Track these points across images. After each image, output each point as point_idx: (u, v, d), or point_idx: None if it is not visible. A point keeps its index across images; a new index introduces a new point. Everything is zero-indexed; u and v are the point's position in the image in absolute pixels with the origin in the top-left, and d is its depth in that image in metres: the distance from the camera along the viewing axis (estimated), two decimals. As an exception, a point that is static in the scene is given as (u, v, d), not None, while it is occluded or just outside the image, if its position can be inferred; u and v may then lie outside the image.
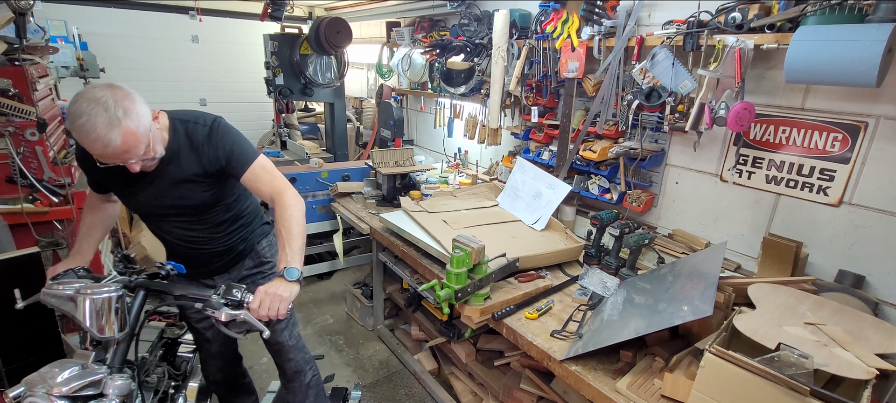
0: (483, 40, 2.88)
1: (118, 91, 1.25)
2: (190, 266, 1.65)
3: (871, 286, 1.67)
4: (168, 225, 1.62)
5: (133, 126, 1.24)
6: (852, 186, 1.67)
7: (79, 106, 1.20)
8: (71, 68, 3.74)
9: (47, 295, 1.34)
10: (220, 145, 1.48)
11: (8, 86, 2.10)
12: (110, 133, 1.20)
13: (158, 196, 1.51)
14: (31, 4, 2.17)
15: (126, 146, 1.24)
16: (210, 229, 1.64)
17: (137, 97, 1.29)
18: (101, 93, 1.22)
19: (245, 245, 1.78)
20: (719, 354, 1.17)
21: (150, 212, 1.60)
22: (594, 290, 1.86)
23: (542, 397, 2.02)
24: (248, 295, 1.34)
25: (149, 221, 1.67)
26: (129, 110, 1.24)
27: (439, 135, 3.75)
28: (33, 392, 1.14)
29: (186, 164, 1.47)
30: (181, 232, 1.63)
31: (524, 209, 2.47)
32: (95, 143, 1.21)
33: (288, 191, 1.53)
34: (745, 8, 1.69)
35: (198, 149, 1.46)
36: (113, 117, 1.20)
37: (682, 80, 1.86)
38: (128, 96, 1.26)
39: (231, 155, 1.49)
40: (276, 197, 1.51)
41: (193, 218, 1.60)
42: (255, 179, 1.52)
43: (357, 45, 4.46)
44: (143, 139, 1.28)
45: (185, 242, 1.66)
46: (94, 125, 1.19)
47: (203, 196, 1.54)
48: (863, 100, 1.60)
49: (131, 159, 1.29)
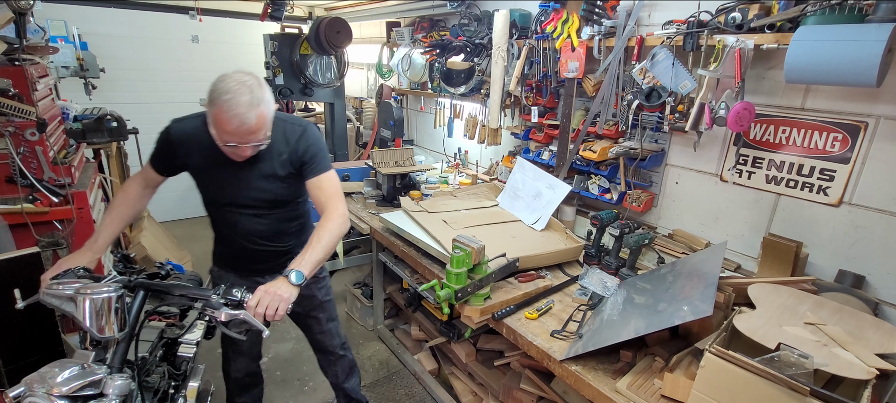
0: (483, 40, 2.88)
1: (258, 79, 1.43)
2: (243, 263, 1.76)
3: (871, 286, 1.67)
4: (239, 216, 1.69)
5: (266, 111, 1.42)
6: (852, 186, 1.67)
7: (226, 84, 1.36)
8: (71, 68, 3.74)
9: (47, 295, 1.33)
10: (308, 146, 1.61)
11: (8, 86, 2.10)
12: (249, 112, 1.36)
13: (242, 186, 1.62)
14: (31, 4, 2.16)
15: (257, 127, 1.40)
16: (275, 225, 1.73)
17: (269, 89, 1.46)
18: (246, 77, 1.39)
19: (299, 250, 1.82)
20: (719, 354, 1.17)
21: (227, 201, 1.67)
22: (594, 290, 1.86)
23: (542, 397, 2.02)
24: (247, 295, 1.34)
25: (221, 211, 1.72)
26: (265, 98, 1.42)
27: (439, 135, 3.75)
28: (33, 392, 1.14)
29: (277, 157, 1.60)
30: (249, 225, 1.71)
31: (524, 209, 2.47)
32: (233, 120, 1.35)
33: (340, 208, 1.62)
34: (745, 8, 1.69)
35: (290, 145, 1.60)
36: (254, 99, 1.37)
37: (682, 80, 1.86)
38: (263, 85, 1.43)
39: (313, 157, 1.63)
40: (327, 207, 1.61)
41: (265, 212, 1.69)
42: (319, 186, 1.63)
43: (357, 45, 4.46)
44: (268, 126, 1.46)
45: (248, 236, 1.73)
46: (238, 102, 1.35)
47: (280, 191, 1.66)
48: (863, 100, 1.60)
49: (252, 142, 1.44)
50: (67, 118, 3.03)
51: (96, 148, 3.37)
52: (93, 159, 3.29)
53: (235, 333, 1.35)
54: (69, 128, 2.90)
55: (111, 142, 3.41)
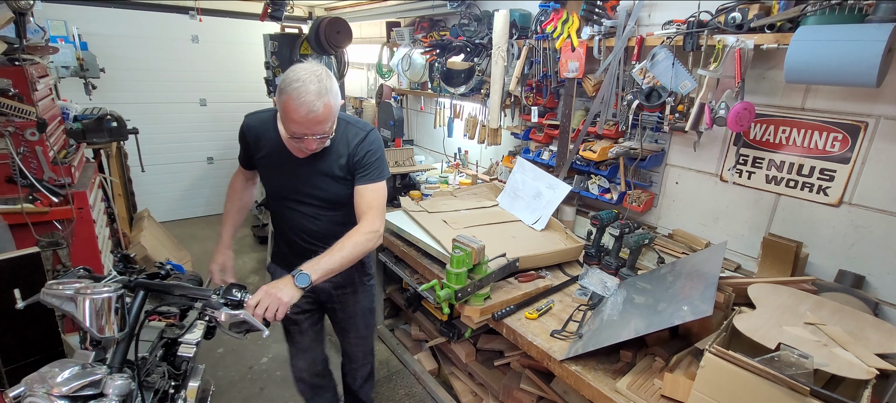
0: (483, 40, 2.88)
1: (327, 71, 1.45)
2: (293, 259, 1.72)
3: (871, 286, 1.67)
4: (293, 212, 1.72)
5: (332, 102, 1.44)
6: (852, 186, 1.67)
7: (297, 74, 1.40)
8: (71, 68, 3.74)
9: (48, 295, 1.33)
10: (366, 152, 1.62)
11: (8, 86, 2.10)
12: (317, 101, 1.38)
13: (301, 180, 1.65)
14: (31, 4, 2.16)
15: (324, 116, 1.42)
16: (328, 226, 1.72)
17: (336, 82, 1.49)
18: (317, 68, 1.43)
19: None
20: (719, 354, 1.17)
21: (286, 195, 1.71)
22: (594, 290, 1.86)
23: (542, 397, 2.02)
24: (247, 296, 1.34)
25: (279, 204, 1.76)
26: (332, 89, 1.44)
27: (439, 135, 3.75)
28: (33, 392, 1.14)
29: (336, 158, 1.62)
30: (302, 222, 1.73)
31: (524, 209, 2.47)
32: (301, 108, 1.38)
33: (374, 224, 1.60)
34: (745, 8, 1.69)
35: (349, 148, 1.61)
36: (322, 89, 1.40)
37: (682, 80, 1.86)
38: (331, 77, 1.45)
39: (367, 165, 1.63)
40: (363, 219, 1.60)
41: (319, 211, 1.71)
42: (362, 195, 1.63)
43: (357, 44, 4.46)
44: (333, 118, 1.48)
45: (300, 233, 1.76)
46: (307, 90, 1.37)
47: (336, 191, 1.67)
48: (863, 100, 1.60)
49: (318, 134, 1.45)
50: (67, 118, 3.03)
51: (96, 148, 3.37)
52: (93, 159, 3.29)
53: (235, 333, 1.35)
54: (69, 128, 2.90)
55: (111, 142, 3.42)
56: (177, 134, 5.08)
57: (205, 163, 5.39)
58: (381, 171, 1.66)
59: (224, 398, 2.70)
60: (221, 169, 5.49)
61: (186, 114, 5.07)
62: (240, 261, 4.42)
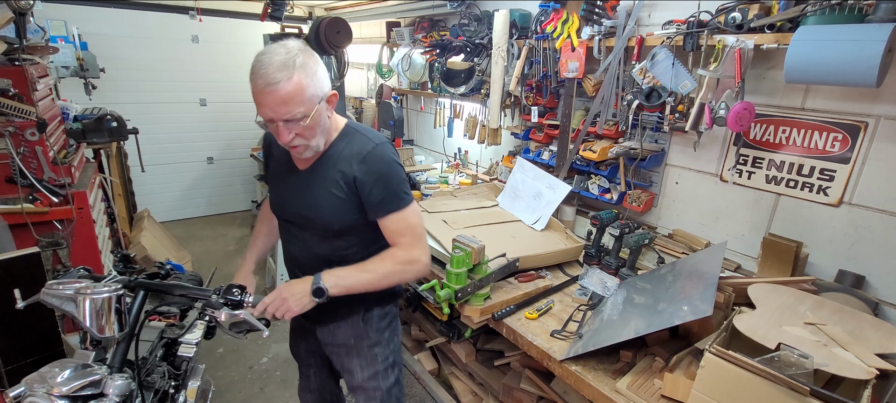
0: (483, 40, 2.88)
1: (308, 50, 1.22)
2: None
3: (871, 286, 1.67)
4: (291, 237, 1.49)
5: (304, 81, 1.18)
6: (852, 186, 1.67)
7: (267, 47, 1.20)
8: (71, 68, 3.73)
9: (48, 295, 1.34)
10: (367, 171, 1.30)
11: (8, 86, 2.10)
12: (279, 73, 1.15)
13: (298, 195, 1.41)
14: (31, 4, 2.16)
15: (288, 96, 1.16)
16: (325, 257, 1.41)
17: (322, 66, 1.25)
18: (294, 43, 1.21)
19: (358, 305, 1.51)
20: (719, 354, 1.17)
21: (282, 212, 1.50)
22: (594, 290, 1.86)
23: (542, 397, 2.02)
24: (247, 295, 1.34)
25: (280, 226, 1.57)
26: (308, 66, 1.20)
27: (439, 135, 3.75)
28: (33, 392, 1.14)
29: (334, 169, 1.33)
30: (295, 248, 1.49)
31: (524, 209, 2.47)
32: (258, 79, 1.16)
33: (411, 250, 1.35)
34: (745, 8, 1.69)
35: (353, 160, 1.31)
36: (289, 61, 1.16)
37: (682, 80, 1.86)
38: (313, 57, 1.23)
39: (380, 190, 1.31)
40: (397, 245, 1.36)
41: (317, 237, 1.41)
42: (385, 227, 1.36)
43: (357, 45, 4.46)
44: (307, 103, 1.19)
45: (293, 263, 1.52)
46: (269, 62, 1.15)
47: (335, 210, 1.35)
48: (863, 100, 1.60)
49: (283, 116, 1.18)
50: (67, 118, 3.03)
51: (96, 148, 3.37)
52: (93, 159, 3.29)
53: (235, 333, 1.35)
54: (69, 128, 2.90)
55: (111, 142, 3.42)
56: (177, 134, 5.08)
57: (205, 163, 5.39)
58: (400, 197, 1.33)
59: (224, 398, 2.70)
60: (221, 169, 5.49)
61: (186, 114, 5.07)
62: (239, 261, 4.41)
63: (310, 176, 1.38)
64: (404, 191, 1.35)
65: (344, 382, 1.72)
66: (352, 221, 1.37)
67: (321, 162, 1.37)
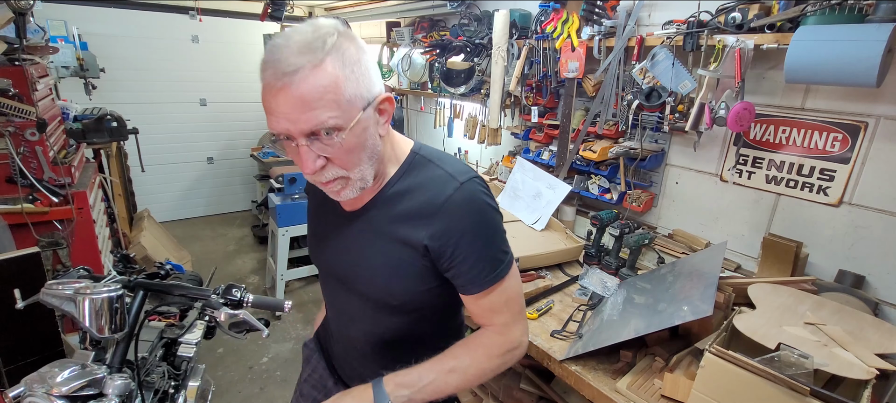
0: (483, 40, 2.88)
1: (349, 33, 0.80)
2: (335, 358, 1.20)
3: (871, 286, 1.67)
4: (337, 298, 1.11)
5: (337, 71, 0.75)
6: (852, 186, 1.67)
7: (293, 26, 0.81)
8: (71, 68, 3.74)
9: (47, 295, 1.34)
10: (459, 225, 0.87)
11: (8, 86, 2.10)
12: (298, 57, 0.73)
13: (342, 246, 1.01)
14: (31, 4, 2.16)
15: (308, 90, 0.73)
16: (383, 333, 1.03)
17: (369, 56, 0.82)
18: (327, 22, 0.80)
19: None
20: (719, 354, 1.17)
21: (325, 266, 1.10)
22: (594, 290, 1.86)
23: (542, 397, 2.02)
24: (246, 294, 1.34)
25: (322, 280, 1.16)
26: (346, 52, 0.77)
27: (439, 135, 3.75)
28: (33, 392, 1.14)
29: (397, 216, 0.91)
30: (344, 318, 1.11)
31: (524, 209, 2.47)
32: (268, 71, 0.75)
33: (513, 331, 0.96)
34: (745, 8, 1.69)
35: (428, 209, 0.88)
36: (315, 42, 0.74)
37: (682, 80, 1.86)
38: (355, 42, 0.80)
39: (471, 253, 0.88)
40: (492, 326, 0.97)
41: (369, 308, 1.01)
42: (487, 309, 0.95)
43: (357, 45, 4.46)
44: (345, 107, 0.76)
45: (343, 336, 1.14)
46: (286, 43, 0.75)
47: (398, 281, 0.94)
48: (863, 100, 1.60)
49: (309, 126, 0.75)
50: (67, 118, 3.03)
51: (96, 148, 3.37)
52: (93, 159, 3.29)
53: (235, 333, 1.35)
54: (69, 128, 2.90)
55: (111, 142, 3.42)
56: (177, 134, 5.09)
57: (205, 163, 5.40)
58: (498, 260, 0.92)
59: (224, 398, 2.70)
60: (221, 169, 5.49)
61: (186, 114, 5.08)
62: (239, 261, 4.42)
63: (359, 224, 0.97)
64: (504, 251, 0.94)
65: None
66: (421, 297, 0.96)
67: (376, 204, 0.94)
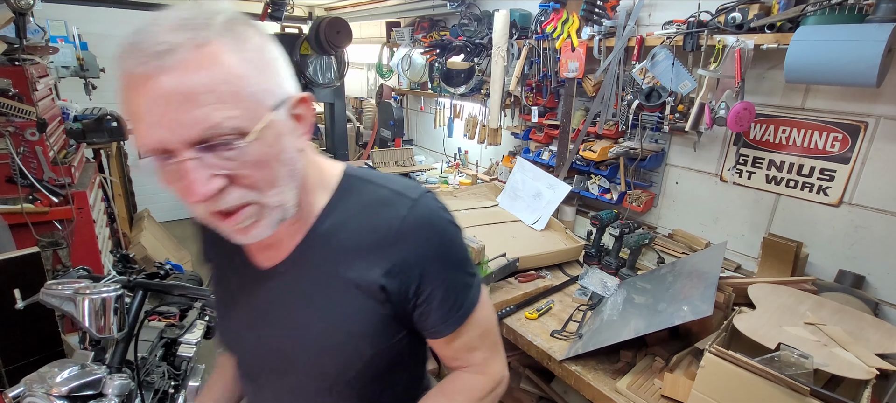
0: (483, 40, 2.88)
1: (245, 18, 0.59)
2: None
3: (871, 286, 1.67)
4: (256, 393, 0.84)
5: (231, 55, 0.54)
6: (852, 186, 1.67)
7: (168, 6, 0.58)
8: (71, 68, 3.73)
9: (47, 295, 1.34)
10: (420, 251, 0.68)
11: (8, 86, 2.10)
12: (173, 35, 0.52)
13: (268, 318, 0.74)
14: (31, 4, 2.16)
15: (192, 78, 0.52)
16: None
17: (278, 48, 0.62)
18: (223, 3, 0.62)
19: None
20: (719, 354, 1.17)
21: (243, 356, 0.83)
22: (594, 290, 1.86)
23: (542, 397, 2.02)
24: None
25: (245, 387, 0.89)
26: (241, 32, 0.57)
27: (439, 135, 3.75)
28: (33, 392, 1.14)
29: (337, 256, 0.68)
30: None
31: (524, 209, 2.47)
32: (129, 55, 0.52)
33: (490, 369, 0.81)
34: (745, 8, 1.69)
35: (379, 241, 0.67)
36: (197, 18, 0.54)
37: (682, 80, 1.85)
38: (257, 28, 0.60)
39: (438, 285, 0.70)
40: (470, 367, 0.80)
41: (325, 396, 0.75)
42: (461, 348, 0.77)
43: (357, 45, 4.46)
44: (244, 101, 0.55)
45: None
46: (156, 21, 0.54)
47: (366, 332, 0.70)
48: (863, 100, 1.59)
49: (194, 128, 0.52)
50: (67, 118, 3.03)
51: (96, 148, 3.37)
52: (93, 159, 3.29)
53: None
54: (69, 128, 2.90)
55: (111, 142, 3.42)
56: (177, 134, 5.08)
57: (205, 163, 5.39)
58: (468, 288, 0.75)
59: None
60: (221, 169, 5.49)
61: (186, 115, 5.08)
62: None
63: (286, 280, 0.71)
64: (472, 274, 0.77)
65: None
66: (386, 356, 0.73)
67: (309, 247, 0.70)
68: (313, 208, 0.70)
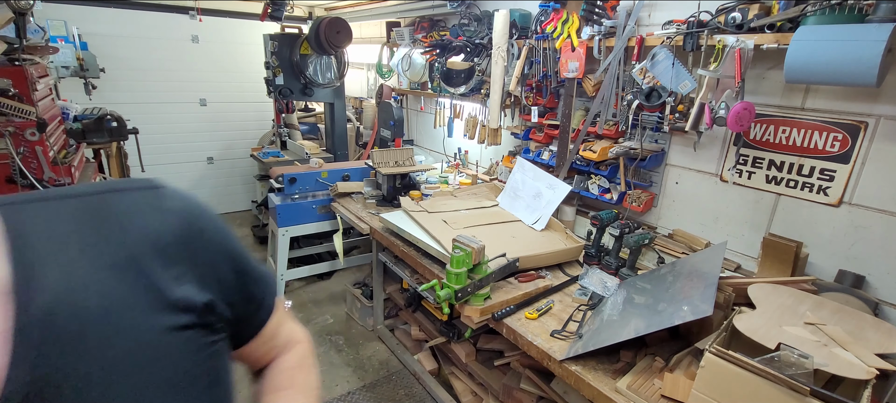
0: (483, 40, 2.88)
1: None
2: None
3: (871, 286, 1.67)
4: None
5: None
6: (852, 186, 1.67)
7: None
8: (71, 68, 3.74)
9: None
10: (213, 253, 0.65)
11: (8, 86, 2.10)
12: None
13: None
14: (31, 4, 2.16)
15: None
16: None
17: None
18: None
19: None
20: (719, 354, 1.17)
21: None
22: (594, 290, 1.86)
23: (542, 397, 2.02)
24: None
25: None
26: None
27: (439, 135, 3.75)
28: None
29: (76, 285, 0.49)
30: None
31: (524, 209, 2.47)
32: None
33: (297, 335, 0.83)
34: (745, 8, 1.69)
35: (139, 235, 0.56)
36: None
37: (682, 80, 1.86)
38: None
39: (236, 293, 0.65)
40: (286, 344, 0.81)
41: None
42: (274, 328, 0.76)
43: (357, 45, 4.46)
44: None
45: None
46: None
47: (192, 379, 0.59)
48: (863, 100, 1.60)
49: None
50: (67, 118, 3.03)
51: (96, 148, 3.37)
52: (93, 159, 3.29)
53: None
54: (69, 128, 2.90)
55: (111, 142, 3.41)
56: (177, 134, 5.08)
57: (205, 163, 5.39)
58: (252, 259, 0.70)
59: (224, 398, 2.70)
60: (221, 169, 5.48)
61: (186, 114, 5.07)
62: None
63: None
64: (248, 258, 0.70)
65: None
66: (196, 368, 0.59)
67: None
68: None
